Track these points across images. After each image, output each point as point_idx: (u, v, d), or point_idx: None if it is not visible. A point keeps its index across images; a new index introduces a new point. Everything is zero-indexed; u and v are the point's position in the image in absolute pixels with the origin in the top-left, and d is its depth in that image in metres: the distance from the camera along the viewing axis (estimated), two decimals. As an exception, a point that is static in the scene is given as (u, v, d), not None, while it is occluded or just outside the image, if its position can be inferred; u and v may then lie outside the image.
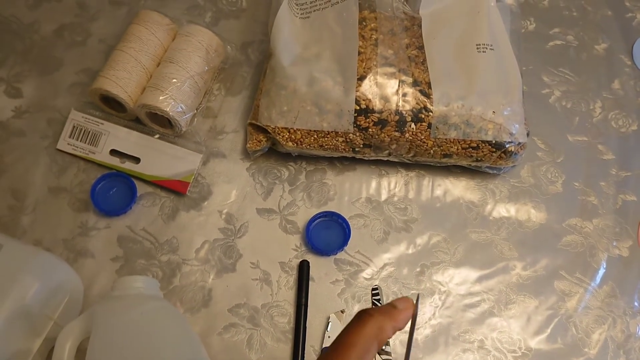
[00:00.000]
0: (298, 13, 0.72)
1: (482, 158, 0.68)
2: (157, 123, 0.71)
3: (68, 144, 0.71)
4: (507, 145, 0.67)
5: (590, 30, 0.81)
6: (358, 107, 0.66)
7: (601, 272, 0.68)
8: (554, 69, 0.78)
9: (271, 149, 0.71)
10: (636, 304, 0.66)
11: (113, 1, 0.80)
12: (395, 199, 0.70)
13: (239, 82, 0.76)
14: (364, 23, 0.71)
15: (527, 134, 0.69)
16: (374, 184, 0.71)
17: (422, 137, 0.66)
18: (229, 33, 0.78)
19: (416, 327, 0.64)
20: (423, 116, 0.66)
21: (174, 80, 0.68)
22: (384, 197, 0.70)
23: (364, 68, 0.67)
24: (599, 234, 0.70)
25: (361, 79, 0.66)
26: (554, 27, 0.81)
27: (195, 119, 0.71)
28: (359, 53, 0.69)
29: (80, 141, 0.71)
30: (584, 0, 0.83)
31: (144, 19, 0.72)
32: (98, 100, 0.71)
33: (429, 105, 0.66)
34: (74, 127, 0.71)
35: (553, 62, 0.79)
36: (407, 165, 0.72)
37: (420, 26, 0.72)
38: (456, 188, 0.71)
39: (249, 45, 0.78)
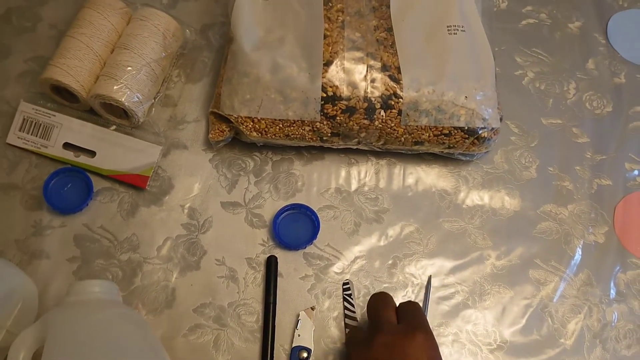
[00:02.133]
0: (260, -6, 0.69)
1: (454, 145, 0.65)
2: (113, 114, 0.67)
3: (18, 137, 0.66)
4: (480, 132, 0.64)
5: (564, 8, 0.79)
6: (325, 95, 0.62)
7: (577, 259, 0.66)
8: (527, 49, 0.76)
9: (235, 138, 0.67)
10: (612, 292, 0.65)
11: (63, -17, 0.75)
12: (366, 188, 0.68)
13: (200, 68, 0.72)
14: (330, 4, 0.68)
15: (501, 119, 0.66)
16: (343, 173, 0.68)
17: (392, 124, 0.64)
18: (187, 15, 0.74)
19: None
20: (393, 103, 0.63)
21: (129, 68, 0.64)
22: (354, 187, 0.68)
23: (330, 53, 0.64)
24: (574, 220, 0.68)
25: (327, 64, 0.63)
26: (527, 5, 0.78)
27: (154, 109, 0.67)
28: (325, 37, 0.65)
29: (32, 134, 0.67)
30: (558, -24, 0.80)
31: (96, 2, 0.68)
32: (49, 90, 0.67)
33: (398, 91, 0.63)
34: (24, 119, 0.67)
35: (526, 42, 0.76)
36: (378, 154, 0.69)
37: (388, 7, 0.69)
38: (428, 176, 0.69)
39: (210, 28, 0.74)
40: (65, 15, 0.73)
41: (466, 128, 0.64)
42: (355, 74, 0.63)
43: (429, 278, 0.64)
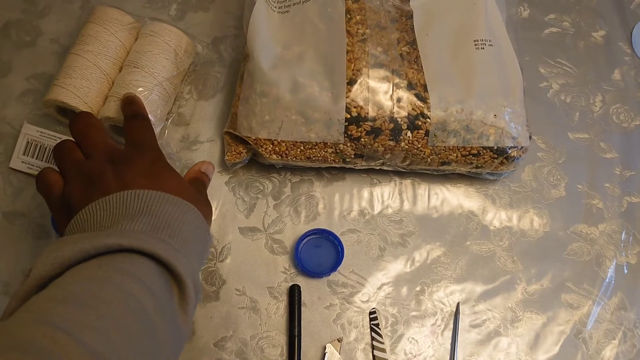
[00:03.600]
0: (276, 7, 0.65)
1: (482, 165, 0.63)
2: (123, 135, 0.63)
3: (22, 162, 0.63)
4: (509, 151, 0.62)
5: (587, 16, 0.76)
6: (349, 116, 0.59)
7: (609, 282, 0.64)
8: (550, 59, 0.73)
9: (252, 159, 0.64)
10: (647, 316, 0.63)
11: (64, -7, 0.71)
12: (390, 210, 0.65)
13: (212, 83, 0.69)
14: (349, 15, 0.65)
15: (530, 137, 0.63)
16: (365, 194, 0.65)
17: (419, 145, 0.61)
18: (197, 27, 0.71)
19: (420, 351, 0.60)
20: (420, 123, 0.60)
21: (140, 88, 0.61)
22: (377, 209, 0.65)
23: (353, 70, 0.61)
24: (605, 240, 0.65)
25: (351, 83, 0.60)
26: (549, 13, 0.75)
27: (166, 131, 0.64)
28: (346, 52, 0.62)
29: (37, 158, 0.63)
30: (580, -18, 0.77)
31: (101, 17, 0.64)
32: (54, 111, 0.63)
33: (426, 111, 0.60)
34: (28, 142, 0.63)
35: (549, 52, 0.73)
36: (401, 173, 0.66)
37: (408, 17, 0.66)
38: (454, 196, 0.66)
39: (221, 41, 0.71)
40: (66, 28, 0.69)
41: (495, 148, 0.61)
42: (380, 93, 0.60)
43: (458, 305, 0.62)
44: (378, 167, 0.64)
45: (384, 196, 0.65)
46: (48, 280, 0.39)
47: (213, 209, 0.63)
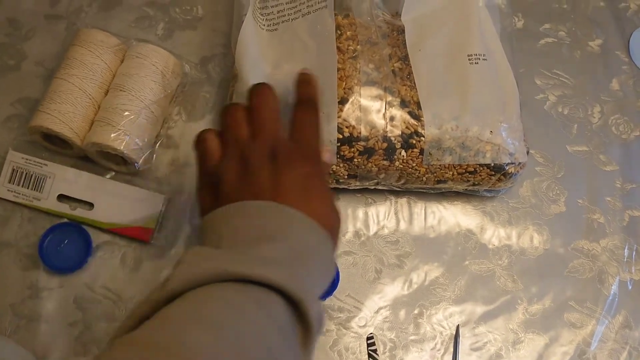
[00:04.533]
0: (264, 24, 0.63)
1: (479, 182, 0.61)
2: (110, 160, 0.62)
3: (8, 190, 0.61)
4: (506, 167, 0.60)
5: (582, 25, 0.74)
6: (341, 136, 0.58)
7: (613, 299, 0.62)
8: (547, 70, 0.72)
9: (243, 181, 0.62)
10: (653, 334, 0.61)
11: (49, 15, 0.70)
12: (386, 231, 0.63)
13: (201, 104, 0.67)
14: (339, 31, 0.63)
15: (527, 152, 0.62)
16: (360, 214, 0.64)
17: (414, 164, 0.59)
18: (185, 47, 0.69)
19: (419, 379, 0.58)
20: (414, 142, 0.59)
21: (127, 112, 0.59)
22: (372, 230, 0.63)
23: (345, 89, 0.59)
24: (608, 256, 0.64)
25: (342, 102, 0.58)
26: (544, 23, 0.74)
27: (155, 155, 0.62)
28: (337, 70, 0.60)
29: (23, 186, 0.61)
30: (575, -10, 0.76)
31: (86, 39, 0.62)
32: (39, 138, 0.62)
33: (419, 129, 0.59)
34: (13, 170, 0.62)
35: (545, 63, 0.72)
36: (396, 192, 0.64)
37: (400, 32, 0.64)
38: (451, 214, 0.64)
39: (210, 61, 0.69)
40: (51, 51, 0.68)
41: (492, 165, 0.60)
42: (372, 112, 0.59)
43: (457, 328, 0.60)
44: (372, 187, 0.62)
45: (380, 216, 0.64)
46: (180, 293, 0.38)
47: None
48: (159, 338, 0.34)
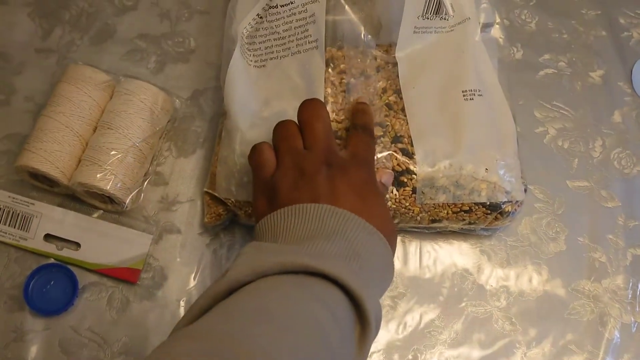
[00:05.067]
0: (252, 61, 0.62)
1: (475, 221, 0.59)
2: (97, 198, 0.61)
3: (-6, 229, 0.60)
4: (503, 206, 0.58)
5: (583, 55, 0.72)
6: (331, 176, 0.56)
7: (615, 342, 0.60)
8: (546, 103, 0.70)
9: (234, 219, 0.61)
10: (657, 380, 0.59)
11: (40, 49, 0.69)
12: (379, 271, 0.61)
13: (192, 139, 0.66)
14: (332, 64, 0.62)
15: (525, 190, 0.60)
16: (353, 253, 0.62)
17: (407, 203, 0.57)
18: (177, 80, 0.68)
19: None
20: (406, 180, 0.57)
21: (114, 152, 0.58)
22: (366, 269, 0.61)
23: (336, 125, 0.58)
24: (610, 297, 0.62)
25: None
26: (544, 54, 0.72)
27: (142, 194, 0.61)
28: (327, 102, 0.59)
29: (9, 226, 0.60)
30: (575, 19, 0.74)
31: (73, 76, 0.62)
32: (26, 176, 0.60)
33: (412, 167, 0.57)
34: (0, 209, 0.60)
35: (545, 95, 0.70)
36: (391, 231, 0.63)
37: (394, 65, 0.63)
38: (447, 253, 0.63)
39: (201, 94, 0.68)
40: (41, 85, 0.67)
41: (488, 203, 0.58)
42: (364, 150, 0.57)
43: None
44: (366, 226, 0.61)
45: (373, 255, 0.62)
46: (240, 284, 0.39)
47: (192, 273, 0.60)
48: (220, 329, 0.34)
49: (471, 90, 0.60)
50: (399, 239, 0.62)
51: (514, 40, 0.72)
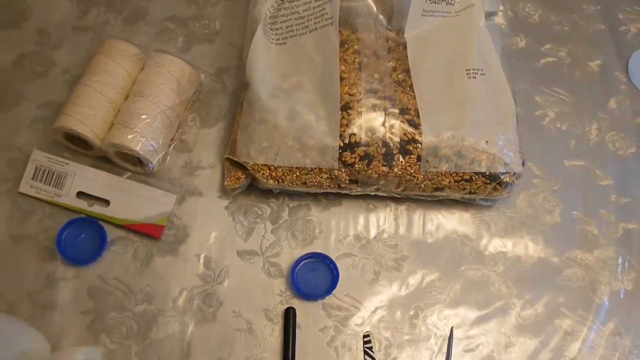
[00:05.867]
0: (273, 39, 0.67)
1: (475, 191, 0.64)
2: (127, 161, 0.66)
3: (31, 186, 0.65)
4: (501, 177, 0.63)
5: (583, 46, 0.77)
6: (342, 143, 0.61)
7: (604, 308, 0.64)
8: (547, 88, 0.74)
9: (251, 185, 0.66)
10: (643, 342, 0.63)
11: (76, 27, 0.75)
12: (385, 235, 0.66)
13: (215, 112, 0.71)
14: (346, 45, 0.67)
15: (523, 163, 0.65)
16: (361, 219, 0.67)
17: (412, 171, 0.62)
18: (202, 59, 0.73)
19: (412, 377, 0.60)
20: (411, 148, 0.62)
21: (144, 116, 0.63)
22: (372, 234, 0.66)
23: (348, 97, 0.63)
24: (600, 266, 0.66)
25: (345, 108, 0.62)
26: (545, 44, 0.77)
27: (168, 157, 0.66)
28: (342, 79, 0.64)
29: (45, 183, 0.65)
30: (576, 13, 0.79)
31: (109, 49, 0.67)
32: (62, 138, 0.66)
33: (417, 137, 0.62)
34: (36, 168, 0.66)
35: (546, 81, 0.75)
36: (397, 199, 0.67)
37: (404, 47, 0.68)
38: (449, 222, 0.67)
39: (225, 72, 0.73)
40: (77, 59, 0.72)
41: (488, 173, 0.63)
42: (373, 120, 0.62)
43: (451, 330, 0.62)
44: (373, 193, 0.65)
45: (380, 221, 0.67)
46: None
47: (212, 232, 0.65)
48: None
49: (474, 69, 0.65)
50: (404, 207, 0.67)
51: (517, 31, 0.77)
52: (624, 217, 0.68)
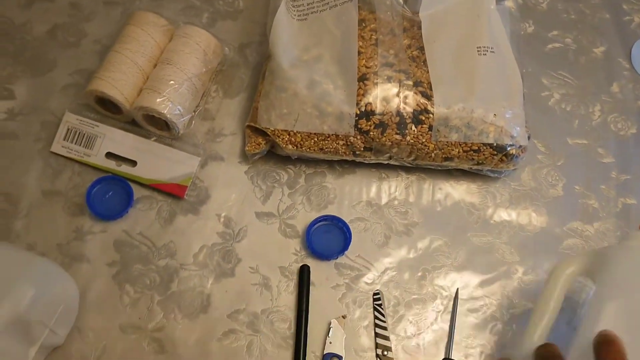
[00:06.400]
0: (295, 15, 0.71)
1: (483, 161, 0.67)
2: (154, 125, 0.70)
3: (62, 146, 0.69)
4: (508, 148, 0.66)
5: (588, 34, 0.81)
6: (359, 111, 0.65)
7: (603, 275, 0.67)
8: (553, 71, 0.78)
9: (270, 152, 0.70)
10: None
11: (107, 1, 0.79)
12: (396, 202, 0.70)
13: (237, 84, 0.75)
14: (364, 24, 0.71)
15: (528, 137, 0.68)
16: (374, 187, 0.70)
17: (424, 140, 0.66)
18: (226, 34, 0.77)
19: (419, 331, 0.63)
20: (424, 118, 0.65)
21: (172, 82, 0.67)
22: (384, 200, 0.70)
23: (365, 70, 0.67)
24: (600, 237, 0.69)
25: (362, 79, 0.66)
26: (553, 30, 0.81)
27: (193, 122, 0.70)
28: (359, 53, 0.68)
29: (75, 144, 0.69)
30: (582, 3, 0.83)
31: (139, 20, 0.71)
32: (93, 102, 0.70)
33: (429, 107, 0.65)
34: (68, 129, 0.70)
35: (552, 65, 0.79)
36: (408, 169, 0.71)
37: (419, 27, 0.72)
38: (457, 191, 0.71)
39: (247, 47, 0.77)
40: (109, 31, 0.76)
41: (495, 145, 0.66)
42: (388, 91, 0.66)
43: (457, 291, 0.66)
44: (386, 162, 0.69)
45: (391, 189, 0.70)
46: None
47: (232, 194, 0.69)
48: None
49: (485, 47, 0.69)
50: (415, 177, 0.71)
51: (526, 17, 0.81)
52: (624, 193, 0.72)
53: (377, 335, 0.63)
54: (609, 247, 0.59)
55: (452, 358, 0.63)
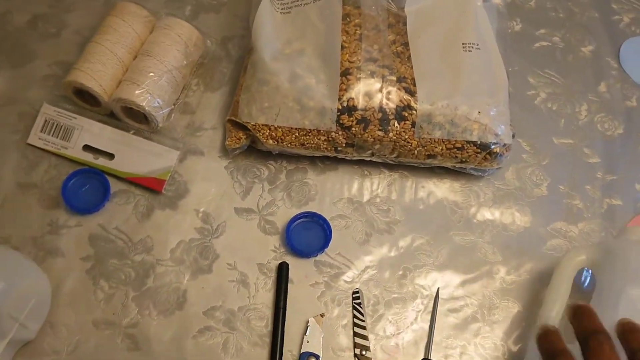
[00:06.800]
0: (279, 8, 0.70)
1: (466, 159, 0.66)
2: (133, 118, 0.68)
3: (39, 138, 0.68)
4: (492, 147, 0.65)
5: (576, 32, 0.80)
6: (341, 106, 0.64)
7: (587, 277, 0.66)
8: (539, 70, 0.77)
9: (251, 147, 0.69)
10: (621, 310, 0.65)
11: (89, -8, 0.77)
12: (378, 200, 0.68)
13: (219, 77, 0.74)
14: (348, 19, 0.70)
15: (513, 136, 0.67)
16: (356, 184, 0.69)
17: (406, 136, 0.65)
18: (208, 27, 0.76)
19: (398, 331, 0.62)
20: (406, 114, 0.64)
21: (151, 74, 0.66)
22: (366, 198, 0.68)
23: (348, 64, 0.66)
24: (584, 238, 0.68)
25: (345, 74, 0.65)
26: (540, 28, 0.80)
27: (173, 115, 0.69)
28: (343, 48, 0.67)
29: (52, 136, 0.68)
30: (571, 1, 0.82)
31: (121, 10, 0.70)
32: (71, 93, 0.68)
33: (412, 103, 0.64)
34: (45, 121, 0.68)
35: (539, 64, 0.78)
36: (391, 166, 0.70)
37: (404, 23, 0.71)
38: (440, 190, 0.70)
39: (229, 40, 0.76)
40: (89, 22, 0.75)
41: (479, 142, 0.65)
42: (371, 86, 0.65)
43: (437, 290, 0.65)
44: (368, 159, 0.68)
45: (373, 186, 0.69)
46: None
47: (211, 189, 0.67)
48: None
49: (470, 44, 0.68)
50: (397, 175, 0.70)
51: (514, 15, 0.80)
52: (609, 194, 0.71)
53: (355, 334, 0.62)
54: (616, 241, 0.65)
55: (431, 358, 0.62)
